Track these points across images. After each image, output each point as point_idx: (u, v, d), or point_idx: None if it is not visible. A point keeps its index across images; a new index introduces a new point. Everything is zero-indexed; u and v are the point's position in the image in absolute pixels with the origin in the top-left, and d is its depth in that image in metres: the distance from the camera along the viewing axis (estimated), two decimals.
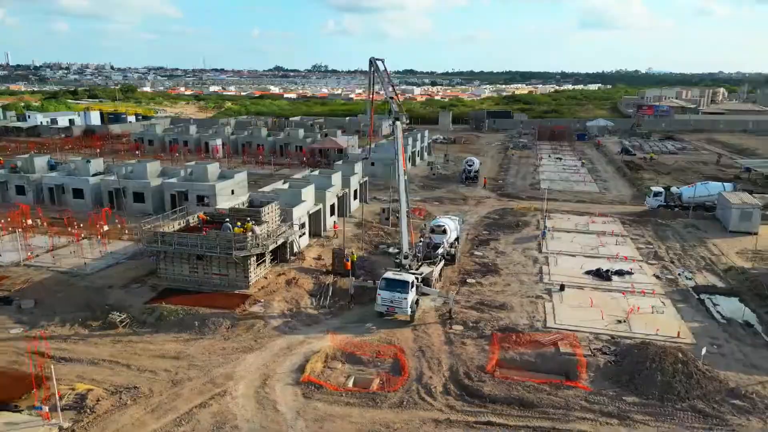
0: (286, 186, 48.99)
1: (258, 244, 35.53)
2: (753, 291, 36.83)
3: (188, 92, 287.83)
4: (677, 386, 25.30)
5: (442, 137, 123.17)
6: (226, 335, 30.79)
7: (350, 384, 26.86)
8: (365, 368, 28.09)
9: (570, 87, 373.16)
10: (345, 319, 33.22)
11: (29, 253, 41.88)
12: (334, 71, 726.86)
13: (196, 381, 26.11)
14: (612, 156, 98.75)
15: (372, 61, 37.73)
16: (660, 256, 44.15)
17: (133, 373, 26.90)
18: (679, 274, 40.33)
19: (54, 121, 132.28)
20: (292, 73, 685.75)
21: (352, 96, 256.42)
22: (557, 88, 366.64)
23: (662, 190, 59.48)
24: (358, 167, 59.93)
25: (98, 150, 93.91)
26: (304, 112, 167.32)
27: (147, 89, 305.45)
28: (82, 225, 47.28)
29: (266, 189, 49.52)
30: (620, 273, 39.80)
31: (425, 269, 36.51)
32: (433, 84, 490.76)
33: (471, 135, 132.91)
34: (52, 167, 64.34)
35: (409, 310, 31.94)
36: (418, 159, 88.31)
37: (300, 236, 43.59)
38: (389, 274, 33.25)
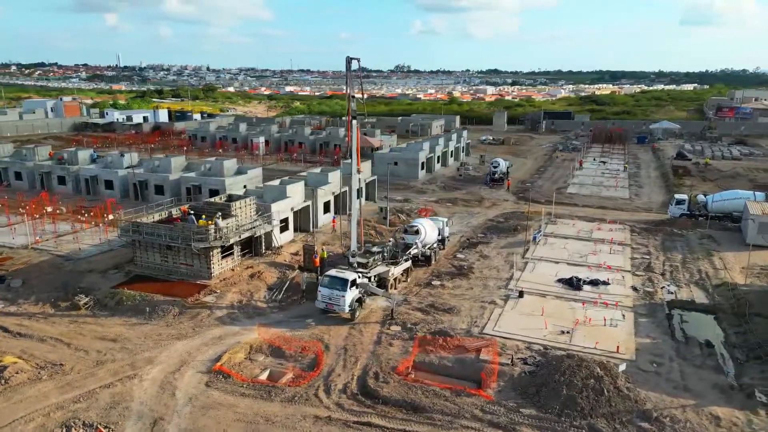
0: (275, 182, 50.26)
1: (219, 237, 36.94)
2: (735, 309, 33.83)
3: (267, 92, 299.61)
4: (582, 402, 23.94)
5: (491, 137, 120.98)
6: (169, 322, 32.37)
7: (264, 376, 27.52)
8: (285, 362, 28.61)
9: (661, 87, 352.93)
10: (290, 314, 33.91)
11: (37, 237, 45.79)
12: (416, 71, 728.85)
13: (118, 363, 27.72)
14: (664, 160, 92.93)
15: (348, 60, 38.10)
16: (652, 268, 41.41)
17: (69, 351, 28.95)
18: (662, 288, 37.73)
19: (129, 118, 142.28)
20: (374, 74, 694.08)
21: (420, 95, 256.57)
22: (645, 88, 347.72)
23: (685, 197, 55.52)
24: (365, 166, 60.21)
25: (152, 145, 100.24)
26: (363, 112, 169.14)
27: (231, 89, 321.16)
28: (91, 213, 50.97)
29: (273, 183, 51.09)
30: (594, 283, 37.81)
31: (381, 269, 36.44)
32: (514, 84, 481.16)
33: (524, 136, 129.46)
34: (93, 160, 69.64)
35: (347, 308, 32.09)
36: (451, 159, 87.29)
37: (282, 231, 44.77)
38: (331, 272, 33.56)
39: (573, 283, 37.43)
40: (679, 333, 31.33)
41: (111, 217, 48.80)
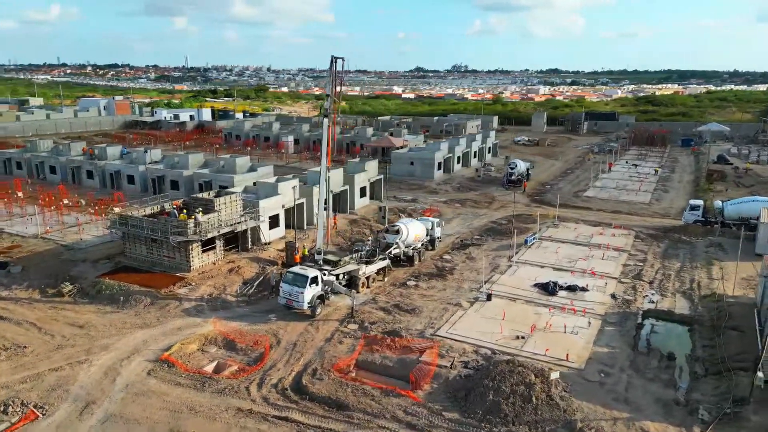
0: (271, 180, 51.19)
1: (198, 232, 38.11)
2: (714, 321, 31.96)
3: (318, 92, 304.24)
4: (506, 409, 23.36)
5: (526, 138, 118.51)
6: (139, 311, 33.71)
7: (210, 368, 28.25)
8: (235, 355, 29.28)
9: (730, 87, 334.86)
10: (255, 308, 34.61)
11: (47, 228, 48.56)
12: (473, 71, 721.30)
13: (76, 348, 29.15)
14: (703, 164, 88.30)
15: (333, 59, 38.51)
16: (641, 276, 39.67)
17: (38, 335, 30.67)
18: (644, 296, 36.11)
19: (176, 116, 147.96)
20: (430, 74, 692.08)
21: (468, 96, 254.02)
22: (712, 88, 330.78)
23: (700, 203, 52.71)
24: (370, 165, 60.43)
25: (186, 142, 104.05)
26: (404, 111, 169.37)
27: (285, 89, 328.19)
28: (101, 205, 53.56)
29: (267, 181, 52.14)
30: (572, 288, 36.62)
31: (352, 267, 36.58)
32: (572, 83, 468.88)
33: (563, 137, 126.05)
34: (122, 156, 73.01)
35: (306, 305, 32.41)
36: (474, 160, 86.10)
37: (272, 228, 45.67)
38: (294, 268, 34.00)
39: (548, 288, 36.37)
40: (643, 344, 29.97)
41: (117, 209, 51.06)
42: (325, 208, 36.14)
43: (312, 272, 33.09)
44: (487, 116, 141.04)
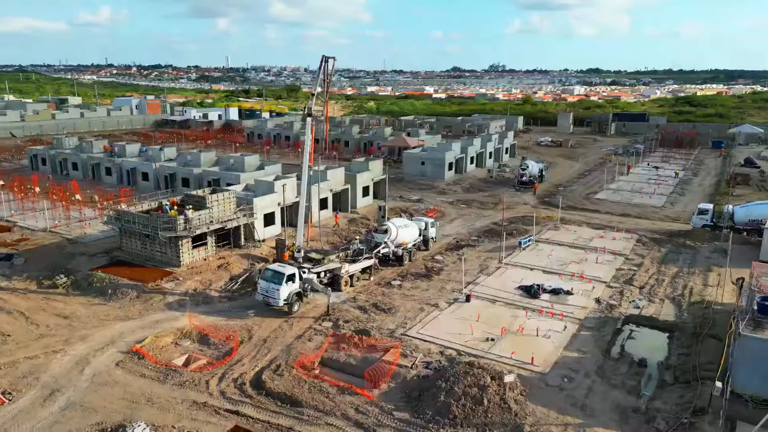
0: (269, 178, 51.85)
1: (187, 228, 38.96)
2: (696, 329, 30.91)
3: (351, 91, 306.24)
4: (456, 410, 23.18)
5: (549, 139, 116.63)
6: (123, 304, 34.69)
7: (180, 361, 28.86)
8: (207, 349, 29.86)
9: None
10: (236, 304, 35.17)
11: (56, 222, 50.39)
12: (511, 71, 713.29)
13: (56, 338, 30.23)
14: (729, 168, 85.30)
15: (326, 59, 38.92)
16: (632, 280, 38.67)
17: (24, 324, 31.90)
18: (631, 302, 35.20)
19: (205, 116, 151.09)
20: (467, 74, 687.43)
21: (500, 96, 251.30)
22: (758, 89, 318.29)
23: (709, 207, 50.90)
24: (374, 165, 60.51)
25: (209, 141, 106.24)
26: (431, 111, 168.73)
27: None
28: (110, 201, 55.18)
29: (265, 179, 52.85)
30: (556, 292, 35.98)
31: (334, 265, 36.80)
32: (612, 83, 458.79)
33: (588, 138, 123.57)
34: (141, 154, 75.07)
35: (281, 301, 32.77)
36: (489, 161, 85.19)
37: (267, 225, 46.31)
38: (272, 265, 34.41)
39: (531, 291, 35.82)
40: (616, 349, 29.22)
41: (124, 205, 52.57)
42: (306, 206, 36.38)
43: (289, 270, 33.44)
44: (512, 116, 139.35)
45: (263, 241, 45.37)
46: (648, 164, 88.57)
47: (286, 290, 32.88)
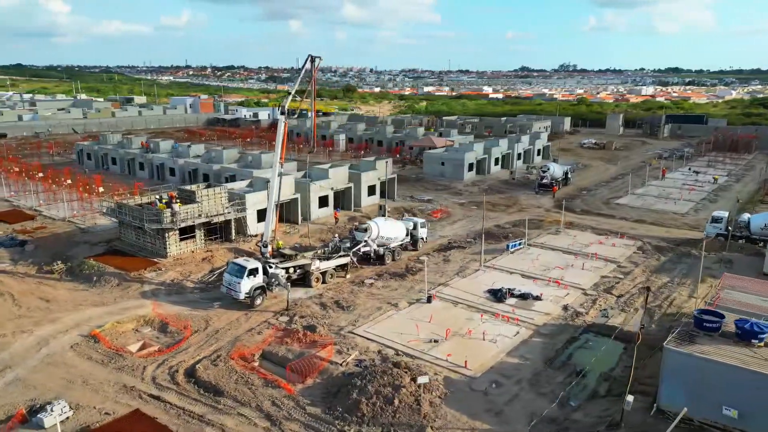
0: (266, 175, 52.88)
1: (173, 221, 40.66)
2: (659, 341, 29.27)
3: (408, 92, 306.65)
4: (364, 408, 23.19)
5: (593, 141, 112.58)
6: (103, 291, 36.67)
7: (135, 347, 30.27)
8: (163, 337, 31.17)
9: None
10: (206, 295, 36.36)
11: (74, 212, 53.74)
12: (582, 70, 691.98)
13: (31, 319, 32.40)
14: None
15: (312, 58, 39.69)
16: (612, 289, 37.03)
17: (8, 305, 34.30)
18: (601, 310, 33.75)
19: (255, 115, 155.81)
20: (535, 73, 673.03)
21: (558, 96, 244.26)
22: None
23: (723, 215, 47.77)
24: (381, 164, 60.61)
25: (247, 139, 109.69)
26: (479, 111, 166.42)
27: (377, 89, 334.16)
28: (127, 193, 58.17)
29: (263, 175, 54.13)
30: (524, 297, 35.02)
31: (304, 261, 37.36)
32: (689, 83, 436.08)
33: (637, 141, 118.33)
34: (173, 150, 78.62)
35: (242, 294, 33.64)
36: (518, 162, 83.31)
37: (261, 221, 47.48)
38: (236, 259, 35.38)
39: (498, 295, 35.04)
40: (562, 358, 28.19)
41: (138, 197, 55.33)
42: (276, 205, 36.91)
43: (251, 264, 34.27)
44: (559, 117, 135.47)
45: (255, 235, 46.55)
46: (689, 168, 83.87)
47: (248, 284, 33.72)
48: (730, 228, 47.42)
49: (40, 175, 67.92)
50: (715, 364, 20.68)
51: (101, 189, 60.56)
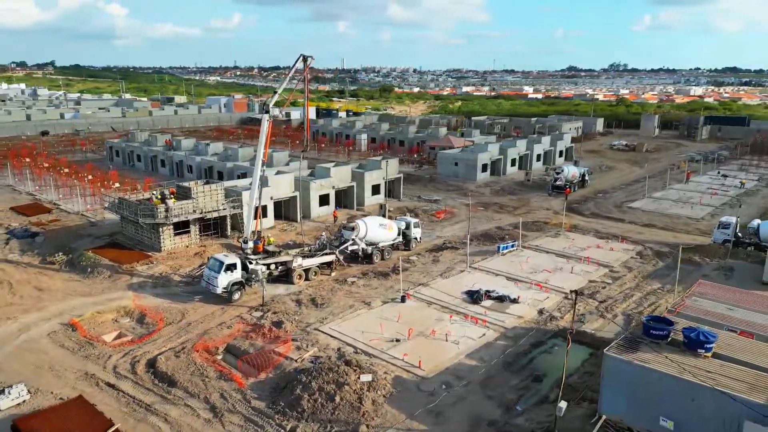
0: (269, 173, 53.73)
1: (167, 216, 41.87)
2: None
3: (446, 92, 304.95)
4: (305, 405, 23.40)
5: (624, 143, 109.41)
6: (94, 282, 38.09)
7: (110, 337, 31.36)
8: (139, 328, 32.15)
9: None
10: (189, 289, 37.20)
11: (88, 206, 55.94)
12: (633, 70, 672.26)
13: (21, 307, 33.96)
14: None
15: (304, 58, 40.20)
16: (596, 294, 36.05)
17: (4, 293, 36.00)
18: (579, 315, 32.90)
19: (287, 114, 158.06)
20: (583, 73, 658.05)
21: (599, 96, 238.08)
22: None
23: (731, 221, 45.72)
24: (387, 164, 60.62)
25: (274, 138, 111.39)
26: (513, 112, 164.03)
27: (416, 89, 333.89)
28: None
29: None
30: (501, 299, 34.48)
31: (286, 258, 37.84)
32: (745, 84, 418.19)
33: (672, 143, 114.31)
34: (194, 148, 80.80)
35: (220, 289, 34.36)
36: (537, 163, 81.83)
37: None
38: (216, 255, 36.13)
39: (474, 297, 34.64)
40: (523, 361, 27.67)
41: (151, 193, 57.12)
42: (256, 204, 37.30)
43: (229, 259, 34.97)
44: (591, 118, 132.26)
45: (253, 232, 47.31)
46: (718, 172, 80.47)
47: (225, 279, 34.42)
48: (739, 234, 45.54)
49: (65, 170, 70.93)
50: (652, 372, 19.91)
51: (117, 184, 62.78)
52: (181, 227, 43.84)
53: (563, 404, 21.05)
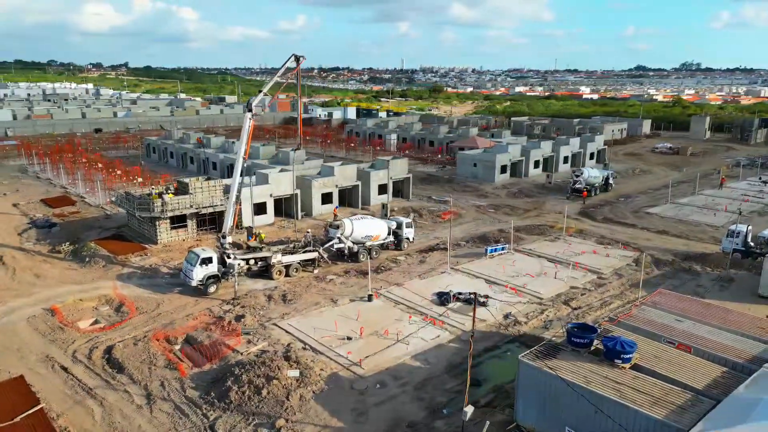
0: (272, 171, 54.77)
1: (162, 210, 43.54)
2: None
3: (499, 92, 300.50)
4: (233, 396, 23.95)
5: (669, 146, 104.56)
6: (88, 271, 40.04)
7: (87, 323, 32.95)
8: (115, 316, 33.62)
9: None
10: (172, 281, 38.40)
11: (108, 199, 58.80)
12: (707, 69, 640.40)
13: (13, 291, 36.20)
14: None
15: (296, 57, 41.09)
16: (571, 300, 34.88)
17: (6, 278, 38.47)
18: (547, 321, 31.98)
19: (330, 114, 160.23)
20: (651, 73, 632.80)
21: (659, 97, 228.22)
22: None
23: (741, 230, 42.98)
24: (395, 163, 60.50)
25: (306, 137, 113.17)
26: (559, 113, 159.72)
27: (469, 90, 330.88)
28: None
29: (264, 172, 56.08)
30: (469, 301, 33.87)
31: (265, 254, 38.56)
32: None
33: (722, 146, 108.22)
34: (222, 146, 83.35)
35: (195, 281, 35.46)
36: (564, 166, 79.46)
37: (259, 214, 49.52)
38: (194, 249, 37.25)
39: (442, 298, 34.25)
40: (466, 366, 27.08)
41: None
42: (236, 198, 38.05)
43: (205, 253, 36.01)
44: (637, 120, 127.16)
45: (250, 227, 48.48)
46: (759, 178, 75.63)
47: (201, 272, 35.48)
48: (752, 243, 42.88)
49: (99, 165, 74.73)
50: (560, 381, 19.18)
51: (140, 179, 65.57)
52: (179, 221, 45.40)
53: (468, 409, 20.59)
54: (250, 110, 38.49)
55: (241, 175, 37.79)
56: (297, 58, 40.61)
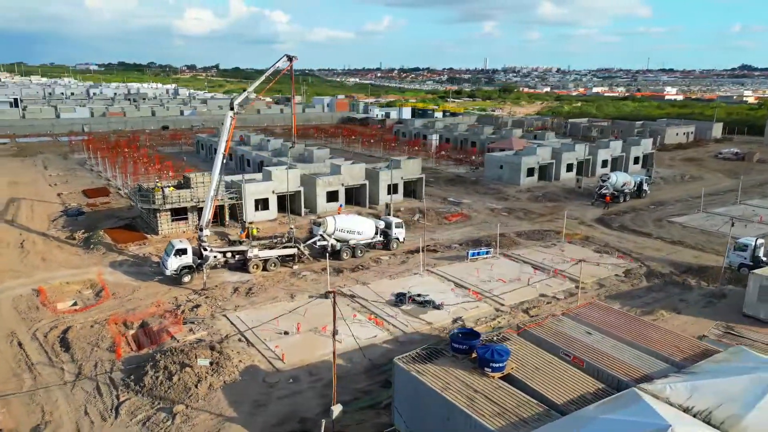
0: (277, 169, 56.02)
1: (163, 203, 45.95)
2: None
3: (575, 93, 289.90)
4: (147, 380, 25.10)
5: (736, 151, 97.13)
6: (90, 256, 42.97)
7: (66, 305, 35.49)
8: (93, 299, 36.00)
9: None
10: (159, 270, 40.55)
11: (123, 191, 62.63)
12: None
13: (17, 272, 39.49)
14: None
15: (288, 57, 42.44)
16: (531, 308, 33.58)
17: (18, 259, 42.07)
18: (497, 327, 30.98)
19: (387, 114, 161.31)
20: (756, 73, 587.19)
21: (751, 99, 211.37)
22: None
23: (749, 243, 39.42)
24: (407, 164, 60.18)
25: (352, 136, 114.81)
26: (635, 115, 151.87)
27: (545, 89, 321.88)
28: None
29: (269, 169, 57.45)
30: (424, 303, 33.48)
31: (243, 248, 39.80)
32: None
33: None
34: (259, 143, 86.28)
35: (169, 271, 37.25)
36: (603, 170, 75.76)
37: (261, 210, 51.12)
38: (173, 240, 39.02)
39: (399, 298, 34.00)
40: (386, 367, 26.84)
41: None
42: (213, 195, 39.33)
43: (180, 245, 37.71)
44: (707, 122, 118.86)
45: (251, 223, 50.15)
46: None
47: (175, 262, 37.22)
48: (764, 258, 39.38)
49: (144, 160, 79.63)
50: (423, 386, 18.72)
51: (171, 173, 69.26)
52: (180, 214, 47.70)
53: (335, 408, 20.47)
54: (232, 108, 39.75)
55: (219, 173, 39.18)
56: (290, 58, 41.45)
